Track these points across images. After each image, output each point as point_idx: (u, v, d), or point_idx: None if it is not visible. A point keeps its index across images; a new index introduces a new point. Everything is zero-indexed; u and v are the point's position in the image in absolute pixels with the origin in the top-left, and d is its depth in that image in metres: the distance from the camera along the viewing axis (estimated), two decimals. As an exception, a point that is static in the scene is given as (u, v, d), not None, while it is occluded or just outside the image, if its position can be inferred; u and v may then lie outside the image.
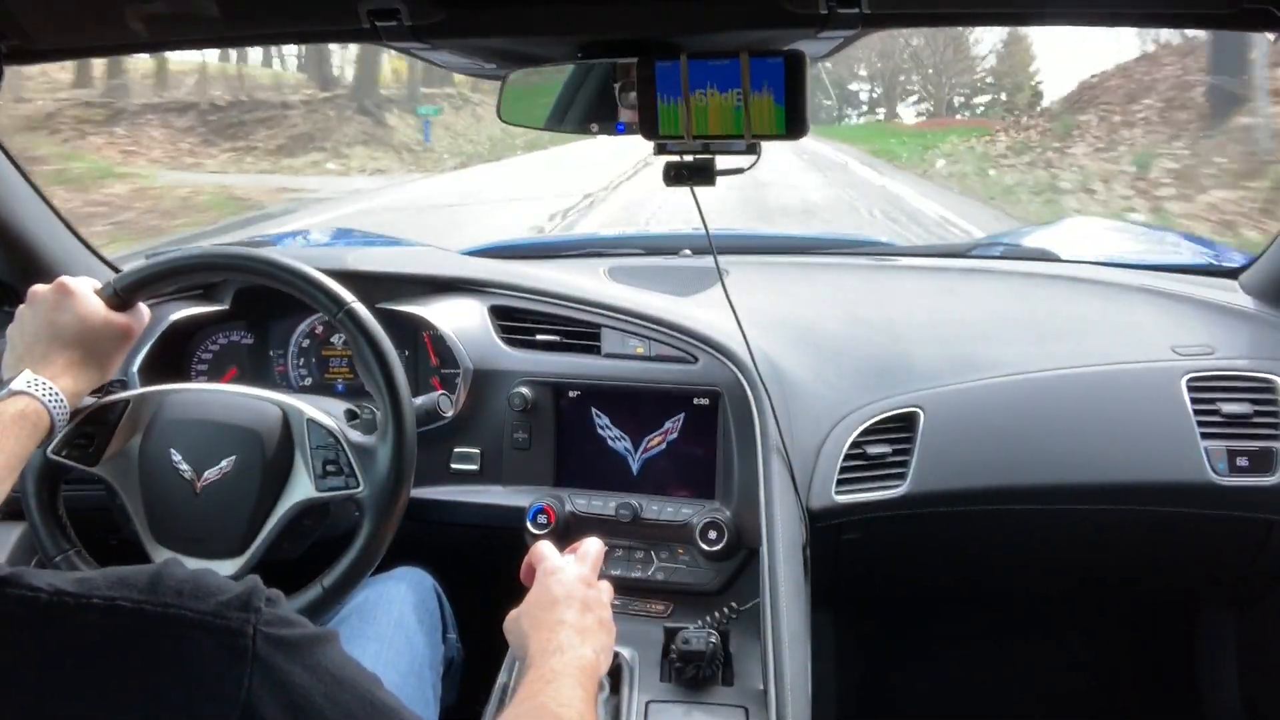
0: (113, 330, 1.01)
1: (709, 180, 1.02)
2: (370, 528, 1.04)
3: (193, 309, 1.48)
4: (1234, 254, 1.78)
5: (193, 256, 1.10)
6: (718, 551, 1.27)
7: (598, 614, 0.95)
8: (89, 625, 0.53)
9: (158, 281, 1.06)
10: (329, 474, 1.05)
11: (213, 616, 0.54)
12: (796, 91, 0.91)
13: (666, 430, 1.37)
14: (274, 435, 1.07)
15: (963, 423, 1.37)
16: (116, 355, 1.02)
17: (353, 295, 1.07)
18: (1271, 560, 1.41)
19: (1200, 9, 0.89)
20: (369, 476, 1.04)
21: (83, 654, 0.53)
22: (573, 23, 0.94)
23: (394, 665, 1.14)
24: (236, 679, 0.53)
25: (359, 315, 1.05)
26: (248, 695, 0.53)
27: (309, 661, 0.57)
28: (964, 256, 1.85)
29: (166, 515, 1.06)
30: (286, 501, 1.05)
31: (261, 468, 1.05)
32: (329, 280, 1.07)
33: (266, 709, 0.54)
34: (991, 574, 1.62)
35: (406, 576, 1.30)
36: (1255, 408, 1.34)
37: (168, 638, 0.53)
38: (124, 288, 1.03)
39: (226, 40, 1.11)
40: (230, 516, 1.05)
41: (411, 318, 1.43)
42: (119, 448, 1.07)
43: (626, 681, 1.11)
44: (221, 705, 0.53)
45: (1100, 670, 1.84)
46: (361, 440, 1.06)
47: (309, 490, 1.05)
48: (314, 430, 1.07)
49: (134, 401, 1.09)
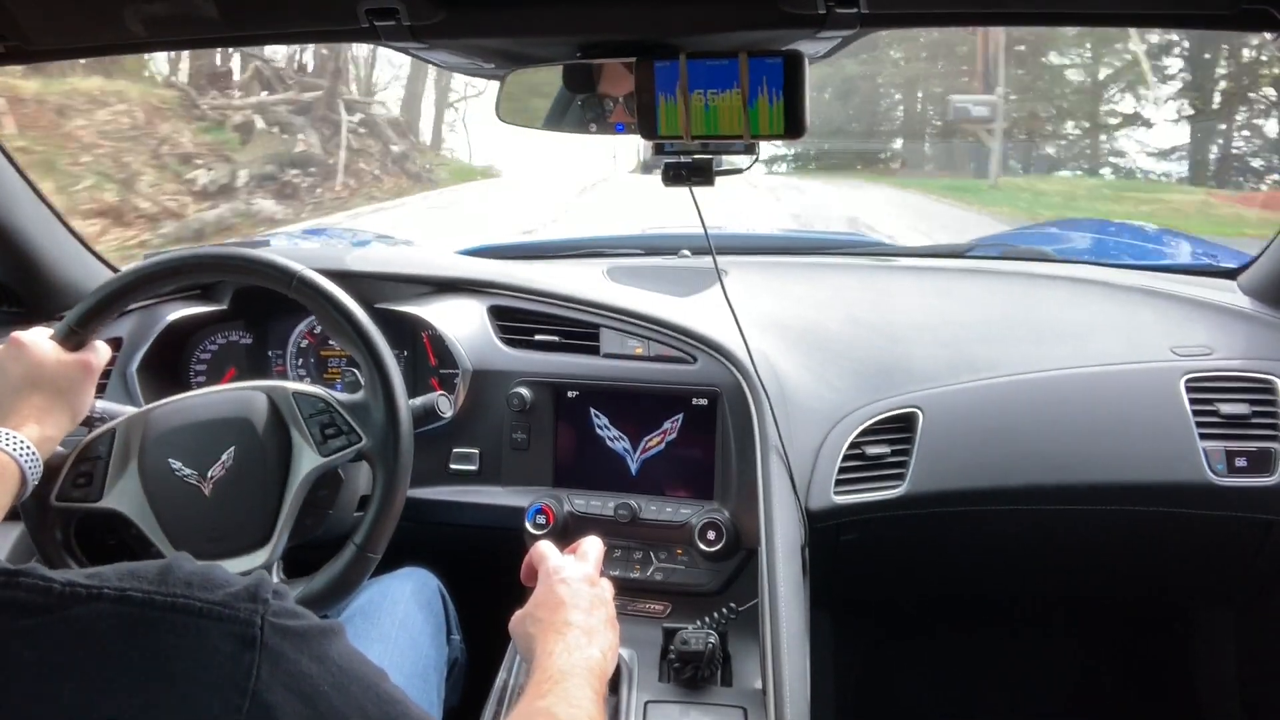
0: (70, 370, 1.02)
1: (708, 180, 1.02)
2: (384, 476, 1.05)
3: (190, 309, 1.47)
4: (1232, 254, 1.78)
5: (132, 273, 1.09)
6: (716, 552, 1.27)
7: (603, 613, 0.95)
8: (101, 614, 0.53)
9: (105, 310, 1.07)
10: (329, 437, 1.06)
11: (221, 606, 0.55)
12: (795, 91, 0.91)
13: (665, 431, 1.37)
14: (265, 417, 1.07)
15: (961, 423, 1.37)
16: (81, 392, 1.03)
17: (303, 265, 1.07)
18: (1270, 561, 1.41)
19: (1200, 9, 0.89)
20: (369, 429, 1.05)
21: (94, 642, 0.53)
22: (572, 23, 0.94)
23: (398, 666, 1.14)
24: (246, 668, 0.54)
25: (313, 280, 1.05)
26: (257, 684, 0.53)
27: (316, 652, 0.58)
28: (963, 257, 1.85)
29: (182, 524, 1.05)
30: (296, 476, 1.05)
31: (262, 451, 1.05)
32: (276, 256, 1.07)
33: (275, 698, 0.54)
34: (989, 574, 1.62)
35: (411, 576, 1.30)
36: (1254, 408, 1.34)
37: (178, 626, 0.54)
38: (76, 323, 1.05)
39: (225, 41, 1.10)
40: (246, 507, 1.04)
41: (410, 318, 1.43)
42: (119, 476, 1.07)
43: (625, 682, 1.11)
44: (231, 694, 0.53)
45: (1099, 670, 1.84)
46: (350, 398, 1.07)
47: (315, 459, 1.05)
48: (302, 401, 1.07)
49: (120, 428, 1.09)
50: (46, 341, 1.03)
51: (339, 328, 1.06)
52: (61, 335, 1.04)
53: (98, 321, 1.07)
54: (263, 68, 13.34)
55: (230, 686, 0.53)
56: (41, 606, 0.53)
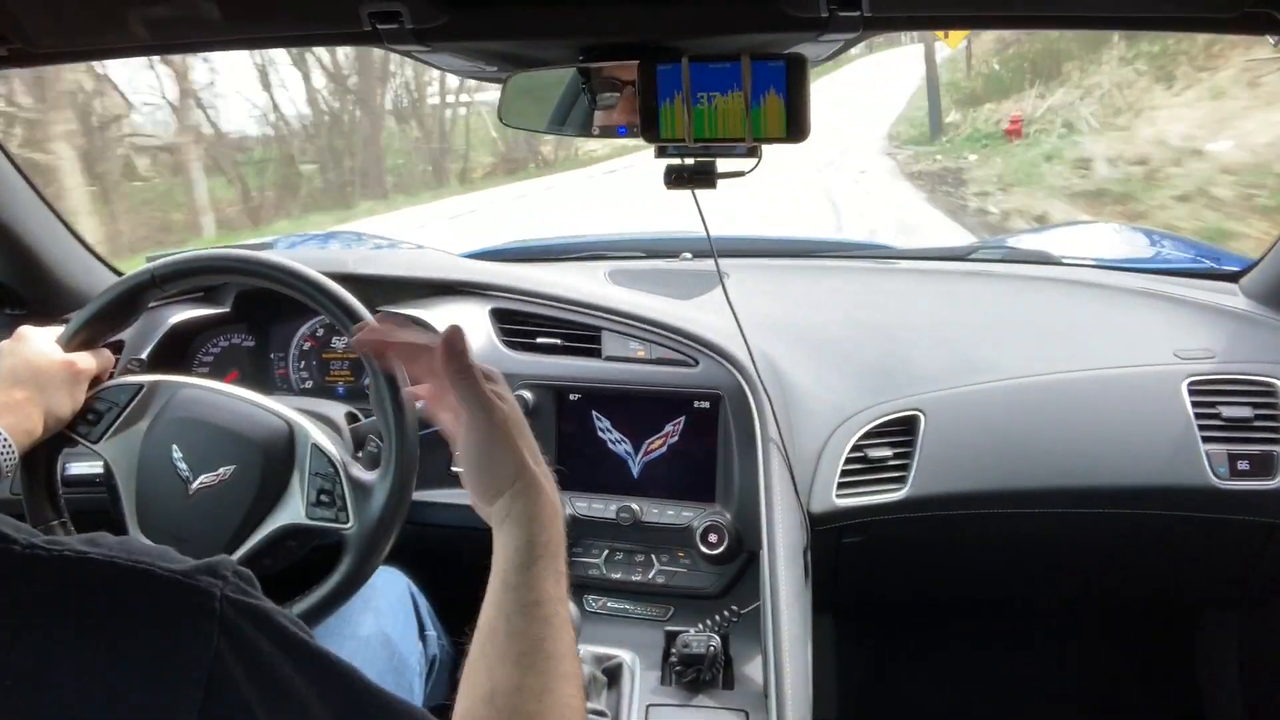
0: (56, 370, 1.04)
1: (710, 183, 1.02)
2: (350, 566, 1.02)
3: (194, 311, 1.48)
4: (1234, 257, 1.78)
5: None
6: (718, 555, 1.27)
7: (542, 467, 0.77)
8: (63, 575, 0.52)
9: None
10: (321, 504, 1.04)
11: (183, 575, 0.54)
12: (798, 94, 0.91)
13: (667, 433, 1.37)
14: (276, 452, 1.06)
15: (964, 426, 1.36)
16: (62, 393, 1.04)
17: (367, 310, 1.06)
18: (1273, 564, 1.41)
19: (1202, 13, 0.89)
20: (361, 515, 1.03)
21: (54, 604, 0.52)
22: (574, 25, 0.94)
23: (371, 664, 1.15)
24: (205, 638, 0.53)
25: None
26: (216, 655, 0.52)
27: (274, 632, 0.56)
28: (965, 259, 1.85)
29: (155, 510, 1.05)
30: (274, 521, 1.04)
31: (258, 483, 1.04)
32: (350, 297, 1.06)
33: (234, 672, 0.53)
34: (992, 578, 1.62)
35: (380, 576, 1.30)
36: (1256, 411, 1.34)
37: (139, 590, 0.53)
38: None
39: (228, 43, 1.10)
40: (216, 524, 1.04)
41: (413, 320, 1.43)
42: (124, 431, 1.07)
43: (627, 684, 1.11)
44: (190, 665, 0.52)
45: (1101, 674, 1.83)
46: (361, 477, 1.05)
47: (299, 514, 1.04)
48: (316, 456, 1.06)
49: (148, 387, 1.09)
50: (44, 341, 1.05)
51: (382, 404, 1.03)
52: (65, 339, 1.06)
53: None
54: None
55: (190, 657, 0.52)
56: (2, 571, 0.52)
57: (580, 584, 1.34)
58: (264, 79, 14.57)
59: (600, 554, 1.35)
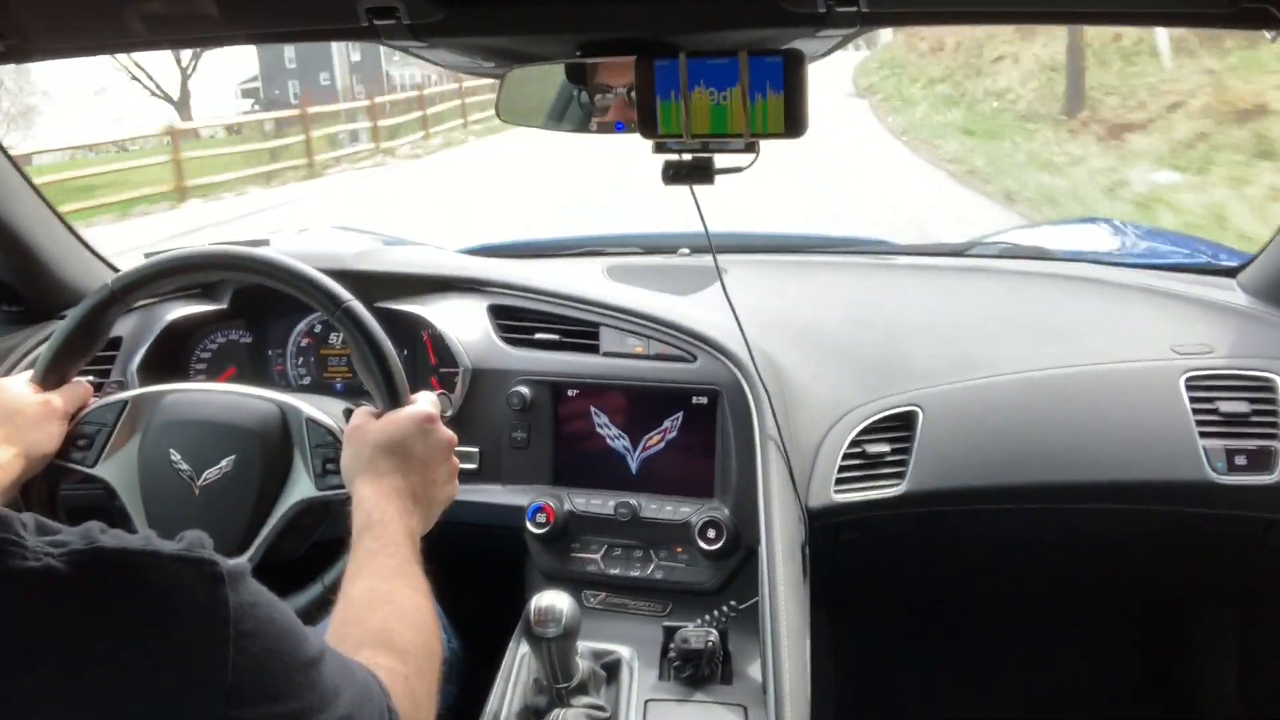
0: (30, 409, 1.04)
1: (708, 179, 1.02)
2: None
3: (190, 308, 1.47)
4: (1232, 252, 1.78)
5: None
6: (716, 550, 1.27)
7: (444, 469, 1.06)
8: (80, 568, 0.54)
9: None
10: (329, 472, 1.05)
11: (185, 551, 0.57)
12: (796, 90, 0.91)
13: (665, 429, 1.37)
14: (273, 435, 1.07)
15: (961, 422, 1.37)
16: (37, 431, 1.04)
17: (350, 294, 1.06)
18: (1270, 559, 1.41)
19: (1200, 8, 0.89)
20: None
21: (79, 597, 0.53)
22: (572, 21, 0.94)
23: None
24: (222, 600, 0.56)
25: (357, 313, 1.05)
26: (234, 615, 0.56)
27: (253, 589, 0.60)
28: (963, 255, 1.85)
29: (166, 515, 1.06)
30: (286, 501, 1.05)
31: (261, 467, 1.05)
32: (326, 279, 1.06)
33: (249, 626, 0.57)
34: (990, 573, 1.62)
35: None
36: (1253, 406, 1.34)
37: (156, 569, 0.56)
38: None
39: (225, 39, 1.10)
40: (229, 516, 1.04)
41: (410, 317, 1.43)
42: (119, 448, 1.08)
43: (625, 679, 1.11)
44: (218, 627, 0.55)
45: (1099, 669, 1.84)
46: None
47: (309, 489, 1.05)
48: (313, 429, 1.07)
49: (133, 402, 1.10)
50: (16, 384, 1.06)
51: (368, 366, 1.04)
52: (39, 375, 1.06)
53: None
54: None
55: (215, 620, 0.55)
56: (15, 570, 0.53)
57: (578, 579, 1.34)
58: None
59: (599, 550, 1.35)
